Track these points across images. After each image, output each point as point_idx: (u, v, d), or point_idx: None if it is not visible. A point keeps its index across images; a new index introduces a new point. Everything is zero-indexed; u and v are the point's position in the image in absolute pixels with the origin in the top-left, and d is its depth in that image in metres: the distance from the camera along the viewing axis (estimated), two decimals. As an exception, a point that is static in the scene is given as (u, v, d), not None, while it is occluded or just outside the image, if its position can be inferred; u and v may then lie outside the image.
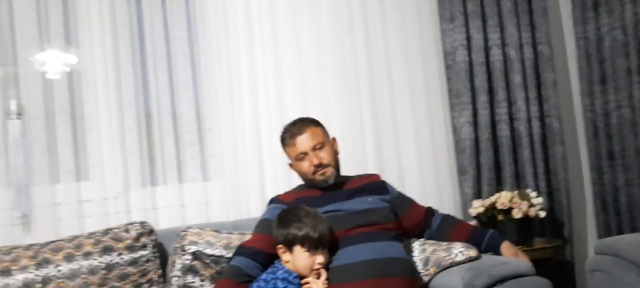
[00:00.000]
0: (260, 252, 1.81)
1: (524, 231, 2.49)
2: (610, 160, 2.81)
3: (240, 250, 1.83)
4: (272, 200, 2.02)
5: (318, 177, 1.96)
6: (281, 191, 2.13)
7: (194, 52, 2.49)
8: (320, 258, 1.71)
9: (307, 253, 1.69)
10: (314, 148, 1.94)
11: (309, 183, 2.01)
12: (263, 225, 1.90)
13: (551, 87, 2.82)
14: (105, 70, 2.33)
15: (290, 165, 2.06)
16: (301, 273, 1.72)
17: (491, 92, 2.77)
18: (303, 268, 1.71)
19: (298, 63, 2.54)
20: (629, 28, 2.66)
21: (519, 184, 2.76)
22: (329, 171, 1.96)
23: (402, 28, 2.70)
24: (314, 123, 2.01)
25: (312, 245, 1.69)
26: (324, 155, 1.95)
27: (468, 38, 2.74)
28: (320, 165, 1.94)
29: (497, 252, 1.97)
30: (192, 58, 2.48)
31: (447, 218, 2.15)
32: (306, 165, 1.95)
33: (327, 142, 2.00)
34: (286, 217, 1.77)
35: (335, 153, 2.02)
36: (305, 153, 1.95)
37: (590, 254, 2.93)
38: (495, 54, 2.75)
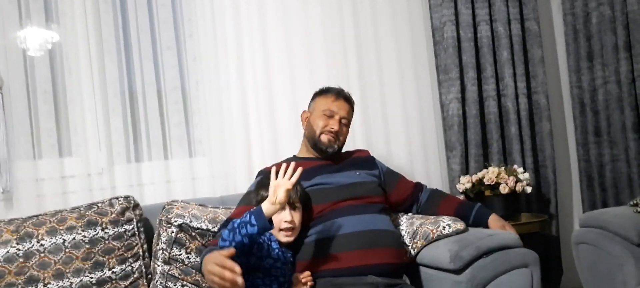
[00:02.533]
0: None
1: (510, 206, 2.51)
2: (597, 136, 2.82)
3: (226, 223, 1.82)
4: (260, 173, 2.01)
5: (324, 138, 2.02)
6: (266, 166, 2.12)
7: (178, 26, 2.44)
8: (286, 216, 1.70)
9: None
10: (341, 119, 2.04)
11: (311, 139, 2.05)
12: (247, 197, 1.89)
13: (538, 63, 2.82)
14: (88, 48, 2.28)
15: (303, 114, 2.12)
16: (275, 235, 1.72)
17: (479, 68, 2.77)
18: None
19: (285, 39, 2.51)
20: (616, 4, 2.66)
21: (506, 160, 2.77)
22: (336, 143, 2.04)
23: (391, 2, 2.67)
24: (353, 106, 2.13)
25: None
26: (343, 132, 2.06)
27: (456, 13, 2.73)
28: (335, 133, 2.02)
29: (484, 225, 1.98)
30: (177, 33, 2.43)
31: (435, 192, 2.16)
32: (324, 122, 2.02)
33: (349, 126, 2.11)
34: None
35: (345, 139, 2.10)
36: (333, 114, 2.03)
37: (575, 229, 2.97)
38: (484, 30, 2.74)
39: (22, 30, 2.22)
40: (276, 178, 1.59)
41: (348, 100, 2.10)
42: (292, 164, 1.61)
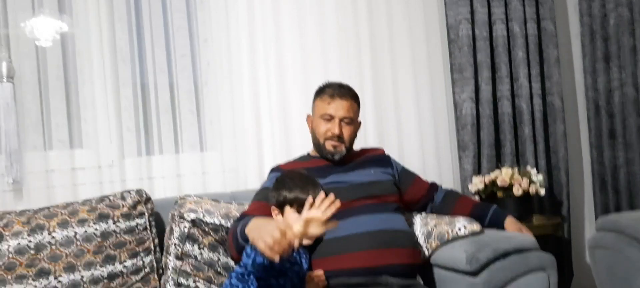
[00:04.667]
0: (260, 219, 1.77)
1: (523, 208, 2.47)
2: (611, 138, 2.79)
3: (241, 218, 1.79)
4: (273, 170, 1.99)
5: (328, 145, 1.94)
6: (279, 162, 2.09)
7: (191, 20, 2.41)
8: None
9: (296, 215, 1.64)
10: (342, 119, 1.92)
11: (316, 145, 2.00)
12: (263, 193, 1.87)
13: (554, 64, 2.79)
14: (100, 38, 2.25)
15: (308, 118, 2.05)
16: None
17: (493, 67, 2.73)
18: None
19: (299, 34, 2.48)
20: (635, 5, 2.63)
21: (518, 161, 2.74)
22: (341, 147, 1.95)
23: (406, 0, 2.64)
24: (355, 98, 1.99)
25: (301, 206, 1.63)
26: (346, 132, 1.94)
27: (472, 12, 2.69)
28: (337, 137, 1.92)
29: (500, 227, 1.96)
30: (190, 27, 2.40)
31: (450, 193, 2.14)
32: (325, 128, 1.93)
33: (354, 122, 1.98)
34: (281, 180, 1.75)
35: (354, 136, 2.00)
36: (331, 117, 1.92)
37: (587, 232, 2.95)
38: (499, 29, 2.71)
39: (34, 20, 2.19)
40: (310, 207, 1.49)
41: (346, 96, 1.94)
42: (331, 196, 1.48)
